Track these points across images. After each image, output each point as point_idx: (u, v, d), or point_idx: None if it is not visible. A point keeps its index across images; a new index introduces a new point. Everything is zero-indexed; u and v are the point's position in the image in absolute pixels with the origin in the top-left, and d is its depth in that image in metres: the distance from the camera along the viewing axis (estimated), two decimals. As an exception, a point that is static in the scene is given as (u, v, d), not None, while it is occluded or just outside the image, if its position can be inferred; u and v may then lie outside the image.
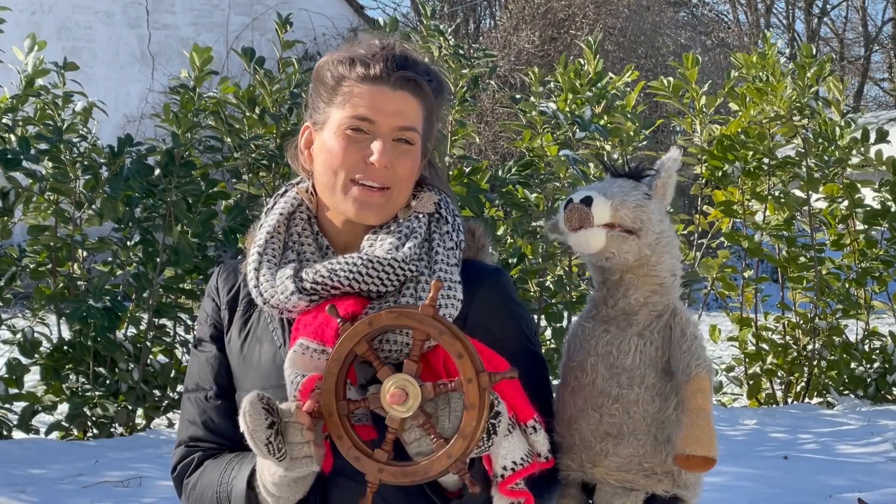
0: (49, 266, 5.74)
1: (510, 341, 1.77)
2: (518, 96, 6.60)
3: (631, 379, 1.75)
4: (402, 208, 1.79)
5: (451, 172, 5.95)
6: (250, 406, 1.57)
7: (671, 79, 6.71)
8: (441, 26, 6.29)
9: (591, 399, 1.78)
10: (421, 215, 1.78)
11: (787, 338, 6.87)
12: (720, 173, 6.66)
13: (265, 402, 1.57)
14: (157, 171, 5.61)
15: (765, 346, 6.79)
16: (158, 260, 5.62)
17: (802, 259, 6.77)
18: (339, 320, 1.59)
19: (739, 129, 6.68)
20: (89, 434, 5.69)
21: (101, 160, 5.77)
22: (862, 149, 6.77)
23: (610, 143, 6.33)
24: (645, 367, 1.75)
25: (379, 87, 1.74)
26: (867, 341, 6.92)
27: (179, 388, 5.69)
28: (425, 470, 1.55)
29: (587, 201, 1.76)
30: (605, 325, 1.80)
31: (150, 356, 5.75)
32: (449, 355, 1.57)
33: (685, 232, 6.71)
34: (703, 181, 6.81)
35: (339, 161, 1.74)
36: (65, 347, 5.63)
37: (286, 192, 1.86)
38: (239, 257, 1.91)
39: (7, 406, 5.57)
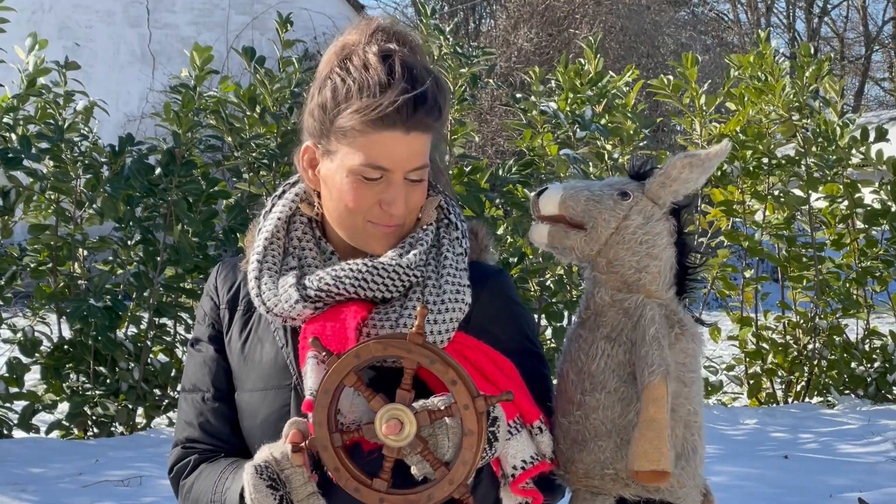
0: (50, 265, 5.74)
1: (512, 343, 1.76)
2: (519, 95, 6.60)
3: (594, 385, 1.74)
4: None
5: (451, 172, 5.96)
6: (255, 489, 1.58)
7: (671, 77, 6.71)
8: (441, 25, 6.30)
9: (561, 406, 1.77)
10: (427, 225, 1.76)
11: (788, 337, 6.87)
12: (720, 172, 6.66)
13: (266, 476, 1.58)
14: (158, 171, 5.62)
15: (765, 345, 6.79)
16: (159, 259, 5.62)
17: (803, 258, 6.77)
18: (324, 353, 1.59)
19: (739, 129, 6.68)
20: (90, 433, 5.69)
21: (102, 159, 5.77)
22: (862, 148, 6.76)
23: (610, 142, 6.33)
24: (610, 371, 1.73)
25: (392, 133, 1.66)
26: (867, 341, 6.92)
27: (180, 387, 5.69)
28: (428, 497, 1.56)
29: (541, 193, 1.78)
30: (580, 328, 1.79)
31: (151, 355, 5.76)
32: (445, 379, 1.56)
33: (685, 231, 6.69)
34: (703, 180, 6.80)
35: (354, 205, 1.70)
36: (65, 346, 5.63)
37: (283, 193, 1.83)
38: (240, 255, 1.90)
39: (7, 405, 5.57)
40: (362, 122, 1.66)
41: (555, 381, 1.87)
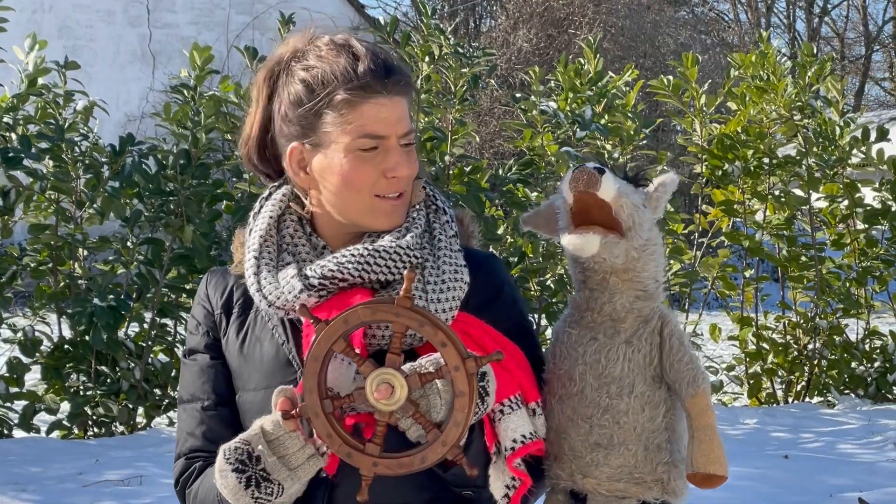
0: (50, 265, 5.74)
1: (508, 324, 1.78)
2: (518, 95, 6.60)
3: (620, 388, 1.74)
4: None
5: (450, 172, 5.96)
6: (220, 475, 1.60)
7: (671, 77, 6.71)
8: (441, 25, 6.29)
9: (581, 409, 1.76)
10: (418, 205, 1.79)
11: (788, 337, 6.87)
12: (720, 172, 6.66)
13: (233, 459, 1.59)
14: (171, 171, 5.63)
15: (765, 345, 6.79)
16: (164, 259, 5.62)
17: (803, 258, 6.77)
18: (312, 320, 1.59)
19: (740, 129, 6.68)
20: (90, 433, 5.69)
21: (103, 159, 5.77)
22: (863, 148, 6.77)
23: (610, 142, 6.33)
24: (634, 375, 1.74)
25: (377, 100, 1.70)
26: (867, 341, 6.92)
27: (177, 398, 5.69)
28: (421, 459, 1.56)
29: (600, 170, 1.70)
30: (592, 332, 1.78)
31: (151, 355, 5.76)
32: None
33: (685, 231, 6.70)
34: (704, 180, 6.81)
35: (359, 182, 1.72)
36: (65, 346, 5.63)
37: (270, 194, 1.84)
38: (227, 264, 1.91)
39: (8, 405, 5.57)
40: (347, 96, 1.69)
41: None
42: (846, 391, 6.85)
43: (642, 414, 1.74)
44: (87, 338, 5.50)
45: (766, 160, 6.71)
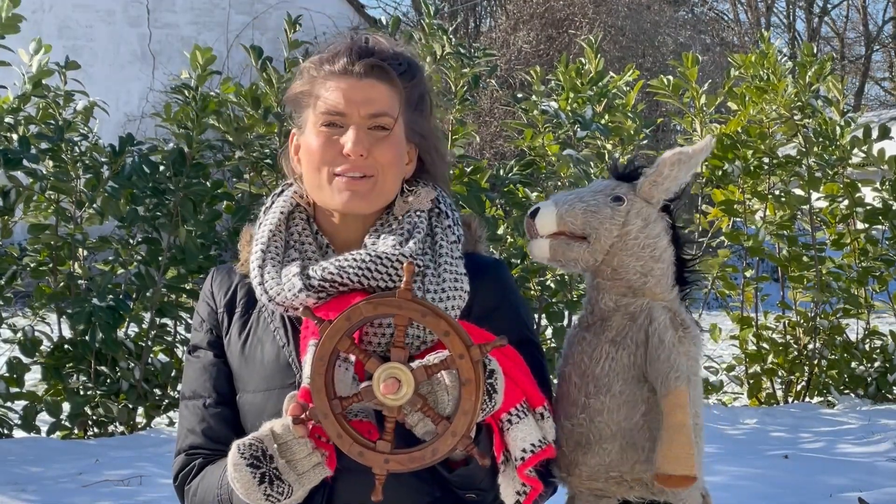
0: (50, 265, 5.74)
1: (512, 332, 1.77)
2: (519, 95, 6.59)
3: (598, 388, 1.74)
4: (392, 198, 1.79)
5: (451, 172, 5.95)
6: (234, 468, 1.59)
7: (671, 77, 6.70)
8: (442, 25, 6.29)
9: (564, 408, 1.77)
10: (420, 212, 1.78)
11: (788, 337, 6.87)
12: (720, 172, 6.65)
13: (248, 454, 1.58)
14: (165, 171, 5.62)
15: (765, 345, 6.79)
16: (161, 259, 5.62)
17: (803, 258, 6.77)
18: (316, 321, 1.59)
19: (740, 128, 6.68)
20: (90, 433, 5.69)
21: (102, 159, 5.77)
22: (864, 147, 6.76)
23: (611, 142, 6.33)
24: (615, 374, 1.74)
25: (345, 80, 1.74)
26: (868, 341, 6.91)
27: (180, 386, 5.69)
28: (432, 452, 1.55)
29: (534, 213, 1.79)
30: (585, 331, 1.80)
31: (151, 355, 5.75)
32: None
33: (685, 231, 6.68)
34: (704, 180, 6.80)
35: (319, 158, 1.74)
36: (65, 346, 5.63)
37: (283, 191, 1.86)
38: (232, 261, 1.91)
39: (8, 405, 5.57)
40: (319, 79, 1.76)
41: (554, 382, 1.87)
42: (846, 391, 6.85)
43: (618, 413, 1.73)
44: (86, 338, 5.50)
45: (766, 160, 6.70)
